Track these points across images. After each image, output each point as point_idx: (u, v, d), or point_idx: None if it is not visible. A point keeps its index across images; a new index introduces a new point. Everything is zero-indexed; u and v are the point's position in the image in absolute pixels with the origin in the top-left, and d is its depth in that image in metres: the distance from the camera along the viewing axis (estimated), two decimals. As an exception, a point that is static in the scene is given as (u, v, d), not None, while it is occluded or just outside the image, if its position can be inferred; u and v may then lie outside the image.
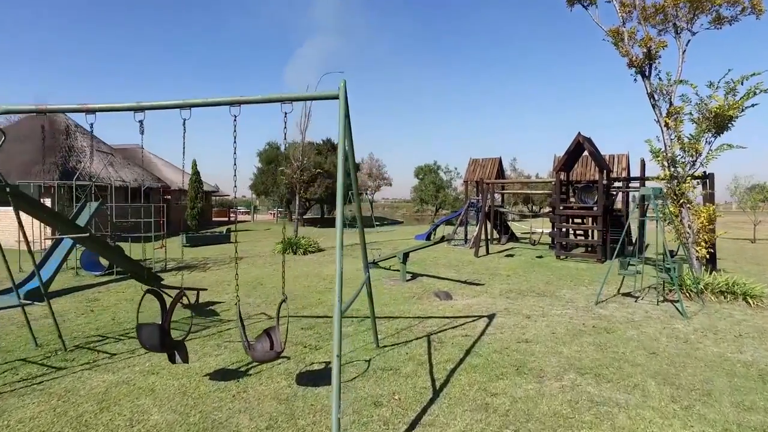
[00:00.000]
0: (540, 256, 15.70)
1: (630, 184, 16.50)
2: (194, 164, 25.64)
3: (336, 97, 3.98)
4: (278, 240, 16.75)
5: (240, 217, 42.85)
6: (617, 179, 14.84)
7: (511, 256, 16.12)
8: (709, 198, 10.14)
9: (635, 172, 16.84)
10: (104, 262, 12.43)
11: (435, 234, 22.35)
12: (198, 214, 25.47)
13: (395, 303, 8.59)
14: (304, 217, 37.91)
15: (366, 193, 59.12)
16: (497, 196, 22.03)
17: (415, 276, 11.53)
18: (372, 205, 61.35)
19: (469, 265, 13.77)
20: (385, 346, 6.05)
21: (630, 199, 17.91)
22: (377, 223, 47.68)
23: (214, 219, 37.19)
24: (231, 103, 4.21)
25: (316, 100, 4.58)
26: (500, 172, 20.95)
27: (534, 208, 64.30)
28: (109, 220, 15.40)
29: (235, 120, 4.31)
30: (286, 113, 4.19)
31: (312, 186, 32.26)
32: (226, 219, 37.81)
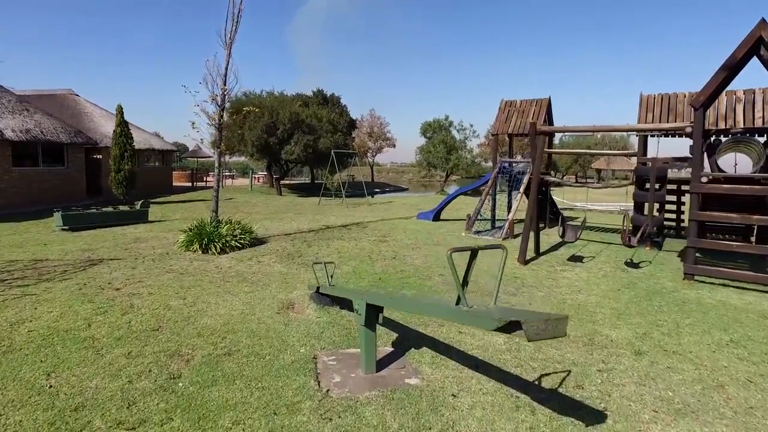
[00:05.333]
0: (634, 264, 8.85)
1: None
2: (119, 110, 18.67)
3: None
4: (204, 220, 10.13)
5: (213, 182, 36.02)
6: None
7: (579, 260, 9.29)
8: None
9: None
10: None
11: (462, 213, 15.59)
12: (126, 178, 18.73)
13: None
14: (282, 182, 30.96)
15: (367, 155, 51.94)
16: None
17: (399, 338, 4.77)
18: (372, 169, 54.21)
19: (512, 284, 6.95)
20: None
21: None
22: (377, 190, 40.71)
23: (175, 185, 30.45)
24: None
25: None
26: (549, 121, 13.86)
27: (557, 175, 56.79)
28: None
29: None
30: None
31: (288, 144, 25.16)
32: (190, 185, 30.99)
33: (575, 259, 9.48)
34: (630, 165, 53.01)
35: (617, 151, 11.65)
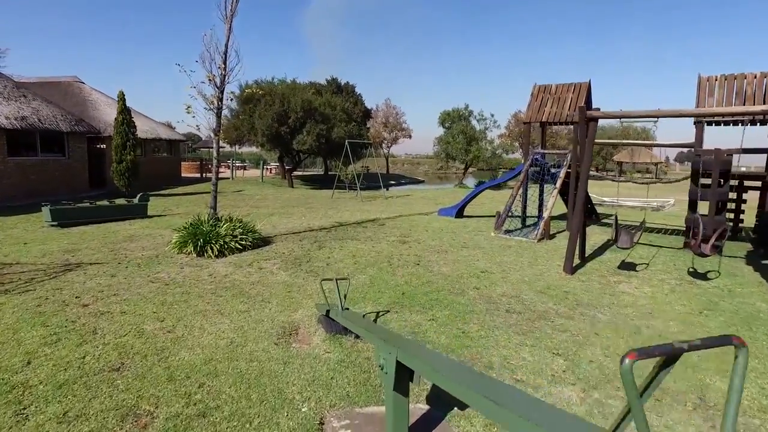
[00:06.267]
0: (699, 274, 7.47)
1: None
2: (121, 96, 17.61)
3: None
4: (200, 218, 8.93)
5: (224, 173, 34.95)
6: None
7: (632, 268, 7.92)
8: None
9: None
10: None
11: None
12: (128, 169, 17.69)
13: None
14: (294, 174, 29.73)
15: (382, 146, 50.54)
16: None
17: (435, 388, 3.46)
18: (387, 161, 52.76)
19: (564, 302, 5.60)
20: None
21: None
22: (392, 182, 39.34)
23: (184, 175, 29.47)
24: None
25: None
26: (589, 105, 12.41)
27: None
28: None
29: None
30: None
31: (300, 133, 23.87)
32: (199, 176, 29.96)
33: (627, 266, 8.11)
34: (654, 159, 50.82)
35: (673, 142, 9.97)
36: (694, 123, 10.20)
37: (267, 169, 37.79)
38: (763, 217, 10.96)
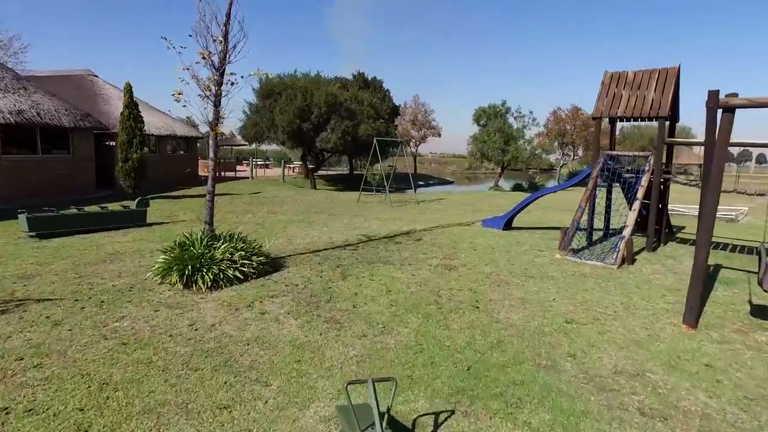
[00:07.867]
0: None
1: None
2: (128, 89, 15.99)
3: None
4: (192, 236, 7.04)
5: (245, 172, 33.35)
6: None
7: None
8: None
9: None
10: None
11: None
12: (135, 168, 16.07)
13: None
14: (318, 173, 27.83)
15: (410, 145, 48.36)
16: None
17: None
18: (415, 160, 50.52)
19: (729, 398, 3.44)
20: None
21: None
22: (420, 183, 37.17)
23: (202, 174, 27.93)
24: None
25: None
26: (676, 99, 10.10)
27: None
28: None
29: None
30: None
31: (324, 130, 21.92)
32: (218, 175, 28.37)
33: (763, 313, 5.87)
34: (699, 159, 47.32)
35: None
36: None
37: (289, 168, 36.08)
38: None
